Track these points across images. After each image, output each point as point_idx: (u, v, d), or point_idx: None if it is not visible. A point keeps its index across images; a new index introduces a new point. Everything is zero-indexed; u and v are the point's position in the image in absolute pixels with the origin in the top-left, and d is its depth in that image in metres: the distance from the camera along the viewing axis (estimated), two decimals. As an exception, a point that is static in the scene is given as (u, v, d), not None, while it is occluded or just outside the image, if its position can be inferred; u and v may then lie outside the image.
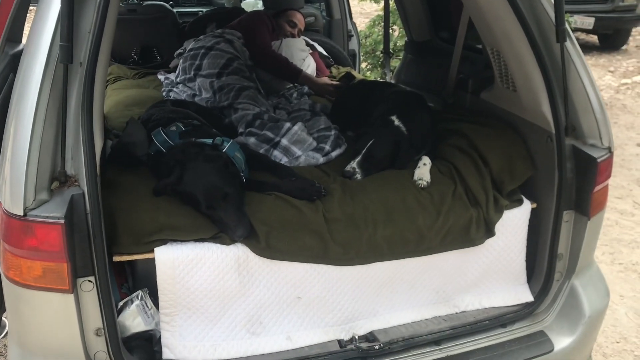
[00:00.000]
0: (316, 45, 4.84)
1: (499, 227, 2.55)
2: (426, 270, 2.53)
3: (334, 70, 4.81)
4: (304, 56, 4.38)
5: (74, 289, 1.96)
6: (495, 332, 2.54)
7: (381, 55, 6.75)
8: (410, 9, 3.97)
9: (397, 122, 2.79)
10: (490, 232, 2.52)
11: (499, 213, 2.52)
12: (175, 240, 2.21)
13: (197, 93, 3.61)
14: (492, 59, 2.81)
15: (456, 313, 2.60)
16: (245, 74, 3.52)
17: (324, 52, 4.87)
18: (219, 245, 2.23)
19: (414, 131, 2.79)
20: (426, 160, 2.69)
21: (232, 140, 2.45)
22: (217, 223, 2.21)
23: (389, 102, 3.00)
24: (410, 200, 2.48)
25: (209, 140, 2.40)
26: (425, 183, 2.56)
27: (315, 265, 2.34)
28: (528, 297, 2.65)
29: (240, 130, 2.99)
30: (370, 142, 2.68)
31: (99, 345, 2.08)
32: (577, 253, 2.58)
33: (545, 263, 2.60)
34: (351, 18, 5.49)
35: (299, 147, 2.82)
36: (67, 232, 1.89)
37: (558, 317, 2.61)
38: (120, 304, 2.32)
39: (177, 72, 3.91)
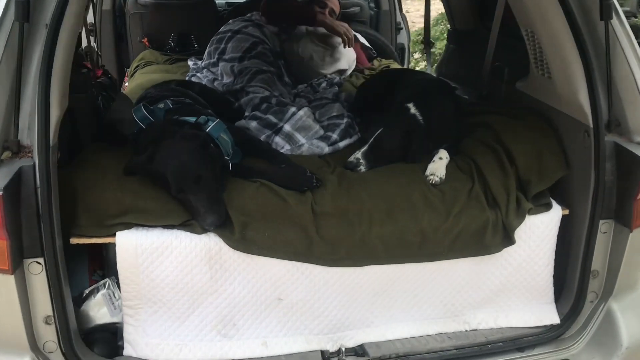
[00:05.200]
0: (359, 36, 4.55)
1: (521, 234, 2.18)
2: (432, 279, 2.20)
3: (375, 62, 4.50)
4: (339, 41, 4.11)
5: (16, 270, 1.78)
6: (510, 357, 2.19)
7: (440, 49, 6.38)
8: (453, -6, 3.64)
9: (413, 110, 2.47)
10: (509, 239, 2.16)
11: (520, 218, 2.16)
12: (141, 226, 2.00)
13: (219, 78, 3.42)
14: (527, 42, 2.44)
15: (465, 331, 2.26)
16: (268, 59, 3.29)
17: (367, 44, 4.57)
18: (188, 233, 2.00)
19: (432, 121, 2.46)
20: (443, 154, 2.36)
21: (218, 120, 2.22)
22: (188, 209, 1.99)
23: (409, 88, 2.68)
24: (416, 197, 2.17)
25: (192, 119, 2.18)
26: (437, 179, 2.24)
27: (300, 264, 2.07)
28: (554, 319, 2.27)
29: (246, 114, 2.76)
30: (379, 130, 2.38)
31: (49, 335, 1.89)
32: (616, 271, 2.18)
33: (577, 280, 2.22)
34: (401, 10, 5.17)
35: (303, 134, 2.56)
36: (6, 205, 1.71)
37: (589, 345, 2.21)
38: (86, 291, 2.14)
39: (203, 56, 3.74)
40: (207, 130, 2.15)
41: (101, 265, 2.26)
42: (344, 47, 3.68)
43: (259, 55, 3.33)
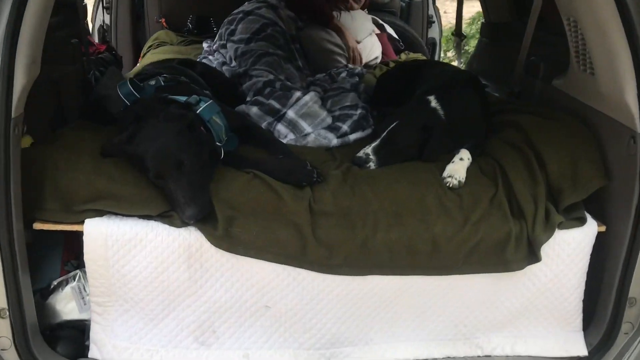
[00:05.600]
0: (386, 26, 4.28)
1: (548, 251, 1.90)
2: (442, 295, 1.93)
3: (402, 56, 4.22)
4: (365, 34, 3.84)
5: (-36, 254, 1.58)
6: (527, 390, 1.90)
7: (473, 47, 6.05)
8: (489, -17, 3.34)
9: (434, 103, 2.20)
10: (534, 256, 1.88)
11: (549, 232, 1.87)
12: (113, 214, 1.77)
13: (227, 61, 3.19)
14: (568, 33, 2.14)
15: (478, 357, 1.98)
16: (277, 42, 3.04)
17: (395, 35, 4.29)
18: (166, 226, 1.77)
19: (454, 117, 2.18)
20: (464, 155, 2.08)
21: (211, 101, 1.98)
22: (168, 198, 1.76)
23: (432, 80, 2.41)
24: (429, 200, 1.90)
25: (183, 98, 1.94)
26: (456, 182, 1.96)
27: (292, 269, 1.83)
28: (580, 350, 1.98)
29: (248, 99, 2.52)
30: (394, 124, 2.12)
31: (2, 330, 1.69)
32: (657, 300, 1.88)
33: (610, 308, 1.94)
34: (434, 2, 4.87)
35: (309, 122, 2.31)
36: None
37: (621, 384, 1.92)
38: (54, 283, 1.93)
39: (215, 38, 3.52)
40: (197, 112, 1.91)
41: (75, 255, 2.05)
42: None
43: (268, 38, 3.08)
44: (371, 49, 3.83)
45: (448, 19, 8.85)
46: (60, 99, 2.17)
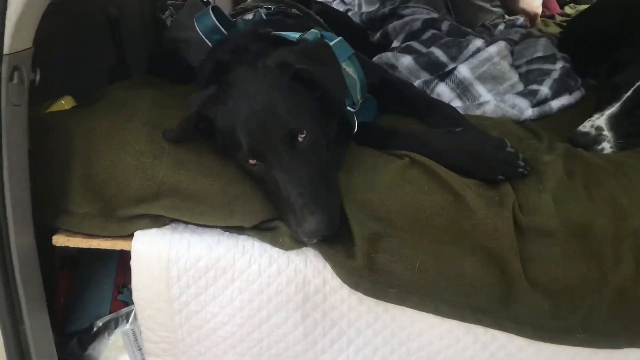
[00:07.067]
0: (550, -27, 3.38)
1: None
2: None
3: (567, 9, 3.32)
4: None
5: None
6: None
7: None
8: None
9: None
10: None
11: None
12: (182, 223, 1.06)
13: (354, 8, 2.42)
14: None
15: None
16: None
17: (559, -16, 3.38)
18: (266, 247, 1.03)
19: None
20: None
21: (339, 38, 1.21)
22: (270, 198, 1.01)
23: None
24: None
25: (295, 34, 1.18)
26: None
27: (482, 331, 1.03)
28: None
29: (395, 44, 1.72)
30: (644, 78, 1.26)
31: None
32: None
33: None
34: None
35: (489, 86, 1.48)
36: None
37: None
38: (99, 324, 1.26)
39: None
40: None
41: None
42: None
43: None
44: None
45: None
46: (121, 44, 1.49)
